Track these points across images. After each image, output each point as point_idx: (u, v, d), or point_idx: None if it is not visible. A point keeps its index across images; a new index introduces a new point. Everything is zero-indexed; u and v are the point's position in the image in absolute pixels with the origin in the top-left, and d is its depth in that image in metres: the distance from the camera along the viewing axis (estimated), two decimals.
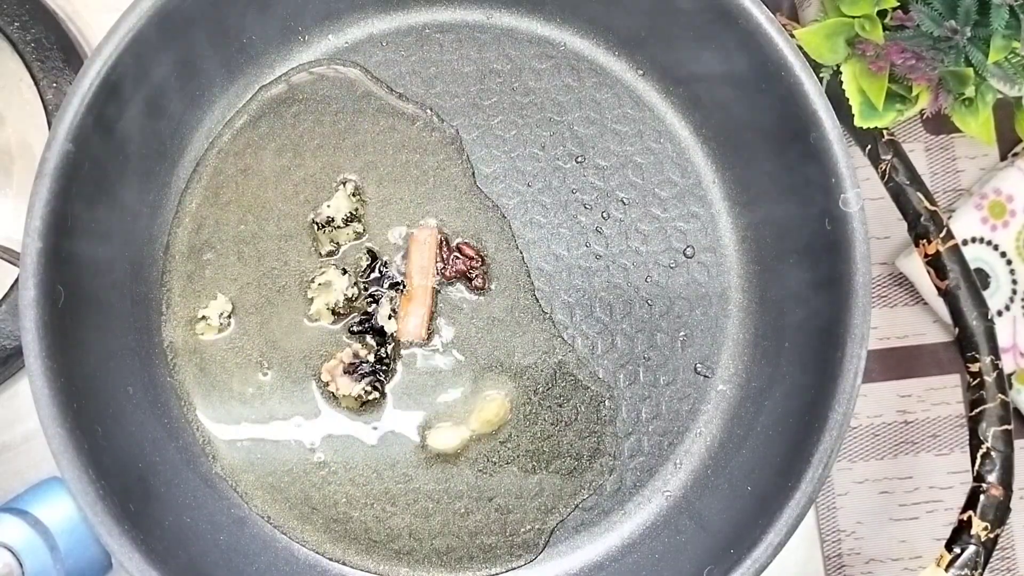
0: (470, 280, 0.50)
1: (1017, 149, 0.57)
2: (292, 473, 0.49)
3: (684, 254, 0.51)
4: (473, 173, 0.52)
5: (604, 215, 0.52)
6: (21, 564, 0.46)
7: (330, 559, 0.49)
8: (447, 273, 0.50)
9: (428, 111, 0.52)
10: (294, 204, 0.51)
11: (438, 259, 0.50)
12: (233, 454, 0.49)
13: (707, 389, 0.51)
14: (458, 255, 0.50)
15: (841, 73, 0.49)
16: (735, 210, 0.52)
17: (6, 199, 0.52)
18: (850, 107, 0.48)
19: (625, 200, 0.52)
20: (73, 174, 0.44)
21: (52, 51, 0.52)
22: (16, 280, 0.51)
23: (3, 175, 0.52)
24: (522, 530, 0.49)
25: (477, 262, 0.50)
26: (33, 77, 0.52)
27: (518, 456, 0.50)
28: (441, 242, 0.50)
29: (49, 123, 0.52)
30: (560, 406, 0.50)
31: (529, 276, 0.51)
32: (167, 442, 0.48)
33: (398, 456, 0.49)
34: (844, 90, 0.48)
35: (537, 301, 0.51)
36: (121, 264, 0.48)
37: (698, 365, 0.51)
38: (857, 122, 0.48)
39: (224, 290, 0.50)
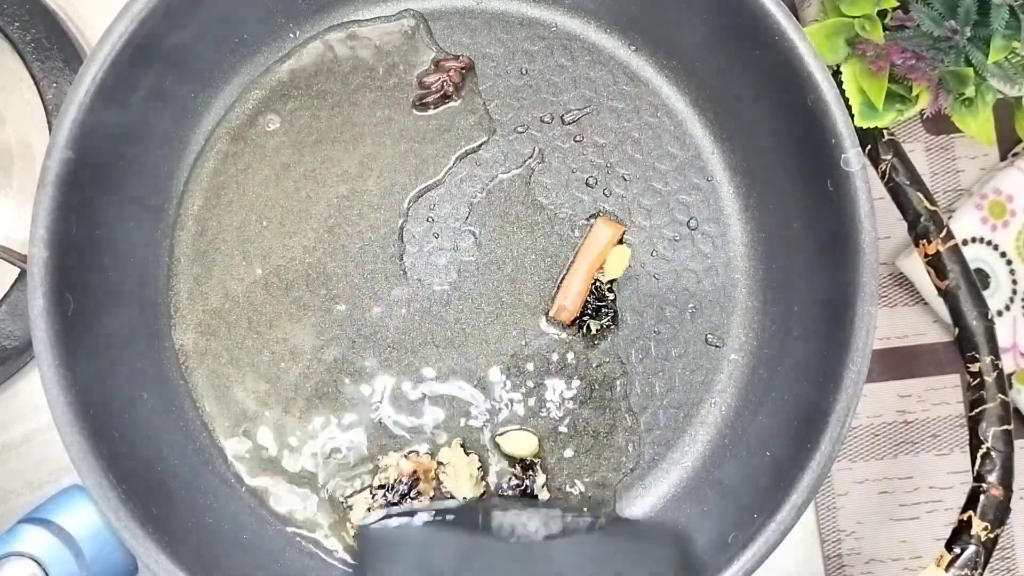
0: (447, 97, 0.51)
1: (1017, 149, 0.57)
2: (311, 469, 0.49)
3: (688, 226, 0.52)
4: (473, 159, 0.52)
5: (606, 192, 0.52)
6: (47, 573, 0.46)
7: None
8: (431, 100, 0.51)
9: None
10: (296, 200, 0.51)
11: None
12: (250, 453, 0.49)
13: (719, 359, 0.51)
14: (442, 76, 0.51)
15: (841, 73, 0.49)
16: (736, 179, 0.52)
17: (6, 199, 0.52)
18: (850, 107, 0.48)
19: (626, 176, 0.52)
20: (75, 181, 0.44)
21: (52, 51, 0.52)
22: (16, 280, 0.51)
23: (3, 175, 0.52)
24: None
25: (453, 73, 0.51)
26: (33, 77, 0.52)
27: (536, 438, 0.50)
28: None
29: (49, 123, 0.52)
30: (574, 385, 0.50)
31: (534, 257, 0.51)
32: (184, 444, 0.48)
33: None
34: (844, 90, 0.48)
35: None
36: (128, 270, 0.48)
37: (709, 335, 0.51)
38: (857, 122, 0.48)
39: (231, 290, 0.50)
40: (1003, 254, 0.56)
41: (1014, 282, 0.56)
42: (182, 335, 0.50)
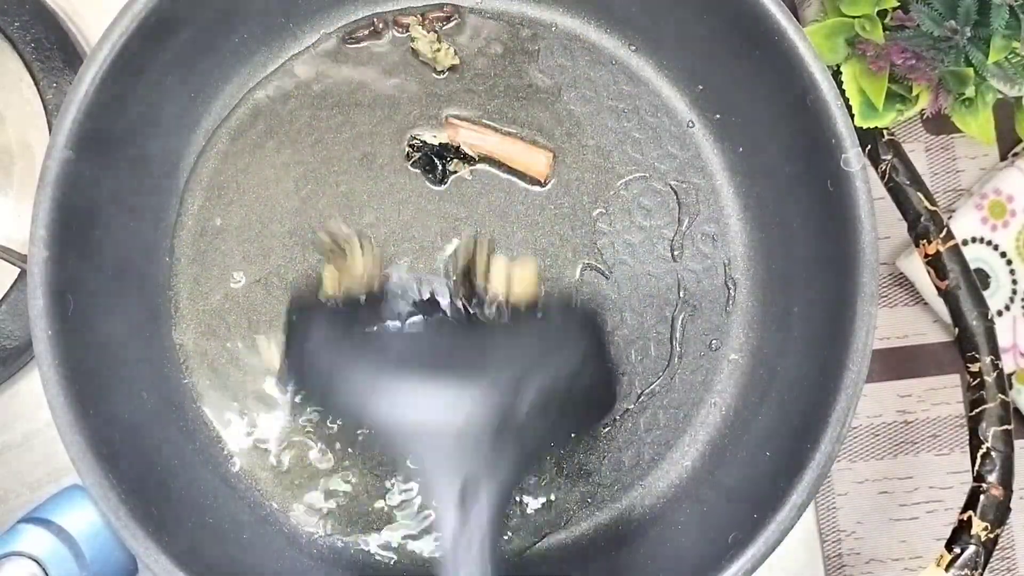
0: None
1: (1017, 149, 0.57)
2: (310, 468, 0.49)
3: (688, 226, 0.52)
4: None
5: (606, 191, 0.52)
6: (47, 573, 0.46)
7: (354, 550, 0.49)
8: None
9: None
10: (296, 200, 0.51)
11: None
12: (249, 452, 0.49)
13: (719, 359, 0.51)
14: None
15: (841, 73, 0.49)
16: (736, 179, 0.52)
17: (6, 199, 0.52)
18: (850, 107, 0.48)
19: (626, 176, 0.52)
20: (75, 181, 0.44)
21: (52, 51, 0.52)
22: (16, 280, 0.51)
23: (3, 175, 0.52)
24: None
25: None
26: (33, 77, 0.52)
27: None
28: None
29: (49, 123, 0.52)
30: None
31: (534, 256, 0.51)
32: (184, 444, 0.48)
33: None
34: (844, 90, 0.48)
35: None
36: (128, 270, 0.48)
37: (709, 336, 0.51)
38: (857, 122, 0.48)
39: (231, 290, 0.50)
40: (1003, 254, 0.56)
41: (1014, 282, 0.56)
42: (182, 335, 0.50)
